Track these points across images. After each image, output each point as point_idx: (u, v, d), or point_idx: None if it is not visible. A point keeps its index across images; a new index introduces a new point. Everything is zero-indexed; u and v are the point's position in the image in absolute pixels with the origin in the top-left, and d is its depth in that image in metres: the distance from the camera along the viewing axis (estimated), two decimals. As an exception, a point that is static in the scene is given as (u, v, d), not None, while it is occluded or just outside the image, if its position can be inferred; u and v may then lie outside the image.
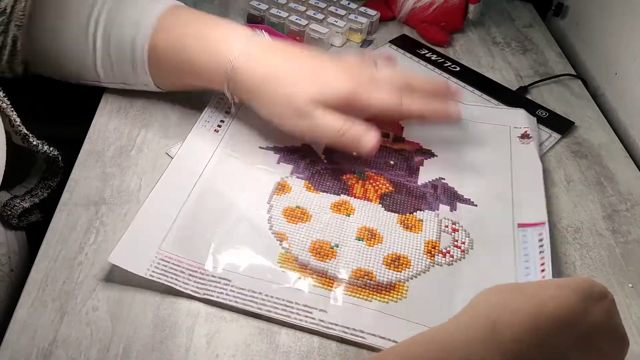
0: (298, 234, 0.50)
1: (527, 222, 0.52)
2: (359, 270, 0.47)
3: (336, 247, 0.49)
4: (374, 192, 0.55)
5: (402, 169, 0.57)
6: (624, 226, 0.55)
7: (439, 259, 0.49)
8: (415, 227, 0.52)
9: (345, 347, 0.43)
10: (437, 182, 0.56)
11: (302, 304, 0.45)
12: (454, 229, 0.52)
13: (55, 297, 0.44)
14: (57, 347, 0.41)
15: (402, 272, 0.48)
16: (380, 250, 0.49)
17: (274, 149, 0.57)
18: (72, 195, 0.52)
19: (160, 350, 0.41)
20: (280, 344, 0.43)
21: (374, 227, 0.51)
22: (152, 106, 0.61)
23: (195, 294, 0.45)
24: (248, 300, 0.44)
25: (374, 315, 0.45)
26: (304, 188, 0.54)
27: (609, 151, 0.64)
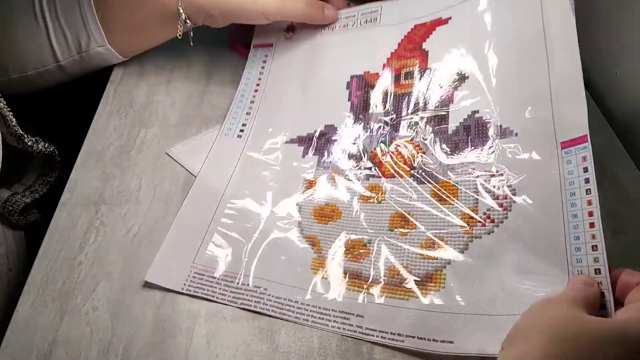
0: (329, 236, 0.49)
1: (569, 137, 0.46)
2: (393, 268, 0.46)
3: (369, 244, 0.48)
4: (403, 162, 0.51)
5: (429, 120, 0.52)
6: (624, 226, 0.55)
7: (478, 230, 0.45)
8: (450, 197, 0.48)
9: (345, 347, 0.43)
10: (470, 121, 0.50)
11: (338, 310, 0.44)
12: (493, 182, 0.47)
13: (55, 297, 0.44)
14: (57, 347, 0.41)
15: (438, 259, 0.45)
16: (415, 239, 0.47)
17: (298, 140, 0.56)
18: (72, 195, 0.52)
19: (160, 350, 0.41)
20: (280, 344, 0.43)
21: (406, 211, 0.48)
22: (152, 106, 0.61)
23: (233, 304, 0.45)
24: (285, 310, 0.45)
25: (412, 315, 0.43)
26: (332, 180, 0.52)
27: (609, 151, 0.64)
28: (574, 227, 0.43)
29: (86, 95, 0.62)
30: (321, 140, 0.55)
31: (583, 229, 0.42)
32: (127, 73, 0.64)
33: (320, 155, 0.55)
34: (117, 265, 0.47)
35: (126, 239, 0.49)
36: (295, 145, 0.56)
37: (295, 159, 0.55)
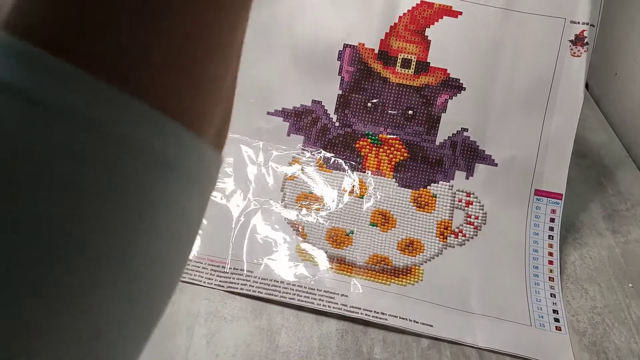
0: (313, 224, 0.50)
1: (545, 189, 0.51)
2: (375, 256, 0.49)
3: (351, 234, 0.50)
4: (388, 162, 0.53)
5: (421, 121, 0.53)
6: (624, 226, 0.55)
7: (451, 240, 0.50)
8: (428, 205, 0.51)
9: (345, 347, 0.43)
10: (458, 138, 0.52)
11: (323, 290, 0.46)
12: (468, 202, 0.51)
13: (55, 297, 0.44)
14: (57, 347, 0.41)
15: (416, 257, 0.49)
16: (394, 236, 0.50)
17: (283, 113, 0.54)
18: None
19: (160, 350, 0.41)
20: (280, 344, 0.43)
21: (387, 210, 0.51)
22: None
23: (219, 288, 0.46)
24: (272, 290, 0.46)
25: (393, 298, 0.46)
26: (317, 167, 0.53)
27: (609, 151, 0.64)
28: (534, 259, 0.49)
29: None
30: (307, 119, 0.54)
31: (542, 262, 0.49)
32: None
33: (307, 136, 0.54)
34: (117, 265, 0.46)
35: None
36: (280, 120, 0.54)
37: (280, 140, 0.54)
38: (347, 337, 0.44)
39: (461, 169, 0.52)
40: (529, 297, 0.48)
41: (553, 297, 0.48)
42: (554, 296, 0.48)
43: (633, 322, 0.47)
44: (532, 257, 0.49)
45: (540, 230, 0.50)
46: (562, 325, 0.46)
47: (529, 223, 0.50)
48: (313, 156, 0.53)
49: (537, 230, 0.50)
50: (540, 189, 0.51)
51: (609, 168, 0.62)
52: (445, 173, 0.52)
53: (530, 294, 0.48)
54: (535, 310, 0.47)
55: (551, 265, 0.49)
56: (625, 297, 0.49)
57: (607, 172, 0.61)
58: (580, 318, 0.47)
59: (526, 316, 0.46)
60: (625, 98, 0.71)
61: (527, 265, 0.49)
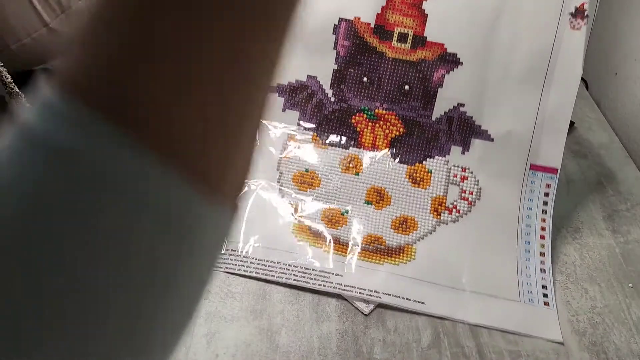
0: (309, 203, 0.51)
1: (540, 164, 0.51)
2: (370, 236, 0.49)
3: (346, 213, 0.50)
4: (383, 137, 0.52)
5: (417, 97, 0.52)
6: (624, 226, 0.55)
7: (445, 216, 0.50)
8: (423, 181, 0.51)
9: (345, 347, 0.43)
10: (454, 113, 0.52)
11: (319, 270, 0.47)
12: (463, 177, 0.51)
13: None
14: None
15: (409, 235, 0.50)
16: (389, 214, 0.51)
17: (278, 89, 0.54)
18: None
19: (160, 350, 0.41)
20: (280, 344, 0.43)
21: (382, 187, 0.51)
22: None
23: (217, 269, 0.47)
24: (268, 271, 0.47)
25: (386, 277, 0.47)
26: (312, 143, 0.53)
27: (609, 151, 0.64)
28: (526, 234, 0.50)
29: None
30: (302, 94, 0.53)
31: (534, 237, 0.50)
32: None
33: (302, 112, 0.53)
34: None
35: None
36: (275, 95, 0.53)
37: (276, 116, 0.53)
38: (347, 337, 0.44)
39: (457, 144, 0.52)
40: (519, 272, 0.48)
41: (543, 273, 0.48)
42: (544, 271, 0.49)
43: (633, 322, 0.47)
44: (524, 232, 0.50)
45: (534, 205, 0.50)
46: (550, 301, 0.47)
47: (523, 198, 0.50)
48: (308, 132, 0.53)
49: (531, 205, 0.50)
50: (535, 164, 0.51)
51: (609, 168, 0.62)
52: (441, 148, 0.52)
53: (520, 269, 0.48)
54: (524, 286, 0.48)
55: (543, 240, 0.49)
56: (625, 297, 0.49)
57: (607, 172, 0.61)
58: (580, 318, 0.47)
59: (515, 292, 0.47)
60: (625, 98, 0.71)
61: (519, 241, 0.49)
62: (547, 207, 0.50)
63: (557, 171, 0.50)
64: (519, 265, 0.49)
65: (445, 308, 0.46)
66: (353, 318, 0.45)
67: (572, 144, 0.64)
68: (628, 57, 0.71)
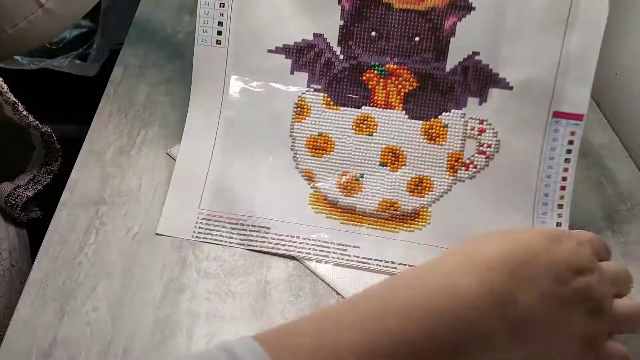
0: (324, 170, 0.51)
1: (564, 110, 0.48)
2: (385, 202, 0.50)
3: (361, 178, 0.50)
4: (396, 94, 0.51)
5: (428, 48, 0.49)
6: (624, 226, 0.55)
7: (462, 173, 0.50)
8: (439, 136, 0.50)
9: (345, 347, 0.43)
10: (469, 62, 0.49)
11: (337, 242, 0.48)
12: (481, 130, 0.49)
13: (55, 297, 0.44)
14: (57, 347, 0.41)
15: (425, 197, 0.49)
16: (404, 175, 0.50)
17: (284, 50, 0.51)
18: (72, 195, 0.52)
19: (160, 350, 0.41)
20: (280, 344, 0.43)
21: (397, 146, 0.50)
22: (152, 106, 0.61)
23: (240, 246, 0.48)
24: (288, 246, 0.48)
25: (402, 246, 0.48)
26: (324, 105, 0.51)
27: (609, 151, 0.64)
28: (546, 185, 0.48)
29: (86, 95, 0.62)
30: (310, 54, 0.51)
31: (554, 188, 0.48)
32: (127, 73, 0.64)
33: (311, 73, 0.51)
34: (117, 265, 0.47)
35: (126, 239, 0.49)
36: (282, 57, 0.51)
37: (285, 79, 0.51)
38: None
39: (474, 95, 0.49)
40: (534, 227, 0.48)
41: (558, 227, 0.48)
42: (560, 225, 0.48)
43: (633, 322, 0.47)
44: (544, 184, 0.48)
45: (557, 154, 0.48)
46: None
47: (545, 147, 0.48)
48: (319, 94, 0.51)
49: (553, 155, 0.48)
50: (559, 111, 0.48)
51: (609, 168, 0.62)
52: (456, 101, 0.50)
53: (534, 225, 0.48)
54: None
55: (563, 191, 0.48)
56: (625, 297, 0.49)
57: (607, 172, 0.61)
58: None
59: None
60: (625, 98, 0.71)
61: (537, 193, 0.48)
62: (571, 155, 0.48)
63: (582, 117, 0.48)
64: (534, 221, 0.48)
65: None
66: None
67: (572, 144, 0.64)
68: (628, 57, 0.71)
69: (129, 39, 0.70)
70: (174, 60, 0.67)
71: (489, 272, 0.33)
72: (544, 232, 0.36)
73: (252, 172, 0.51)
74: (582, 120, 0.48)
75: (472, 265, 0.33)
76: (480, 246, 0.35)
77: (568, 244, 0.36)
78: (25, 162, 0.54)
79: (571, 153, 0.48)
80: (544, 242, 0.35)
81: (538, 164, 0.49)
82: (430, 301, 0.31)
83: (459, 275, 0.33)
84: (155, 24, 0.73)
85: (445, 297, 0.31)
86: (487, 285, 0.32)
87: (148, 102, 0.61)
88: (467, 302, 0.31)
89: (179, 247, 0.49)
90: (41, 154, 0.53)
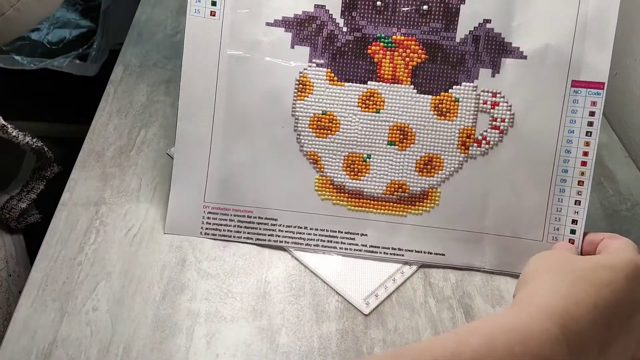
0: (330, 151, 0.49)
1: (583, 79, 0.46)
2: (393, 184, 0.49)
3: (369, 159, 0.49)
4: (404, 67, 0.48)
5: (437, 17, 0.47)
6: (624, 226, 0.55)
7: (474, 150, 0.48)
8: (450, 112, 0.47)
9: (345, 347, 0.43)
10: (480, 31, 0.47)
11: (344, 231, 0.48)
12: (494, 104, 0.47)
13: (55, 297, 0.44)
14: (57, 347, 0.41)
15: (434, 177, 0.48)
16: (413, 154, 0.48)
17: (283, 23, 0.48)
18: (72, 195, 0.52)
19: (160, 350, 0.41)
20: (280, 344, 0.43)
21: (405, 123, 0.48)
22: (152, 106, 0.61)
23: (249, 241, 0.48)
24: (297, 238, 0.48)
25: (409, 231, 0.48)
26: (327, 81, 0.48)
27: (609, 151, 0.64)
28: (565, 161, 0.47)
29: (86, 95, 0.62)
30: (311, 26, 0.49)
31: (574, 164, 0.46)
32: (127, 73, 0.64)
33: (313, 47, 0.48)
34: (117, 265, 0.47)
35: (126, 239, 0.49)
36: (282, 30, 0.49)
37: (285, 54, 0.48)
38: (347, 337, 0.44)
39: (486, 66, 0.47)
40: (549, 207, 0.47)
41: (577, 205, 0.46)
42: (579, 203, 0.46)
43: (633, 322, 0.47)
44: (562, 160, 0.46)
45: (577, 127, 0.46)
46: (577, 238, 0.46)
47: (563, 120, 0.46)
48: (322, 69, 0.48)
49: (573, 128, 0.46)
50: (577, 80, 0.46)
51: (609, 168, 0.62)
52: (468, 73, 0.47)
53: (551, 203, 0.47)
54: (551, 222, 0.47)
55: (584, 167, 0.46)
56: (625, 297, 0.49)
57: (607, 172, 0.61)
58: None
59: (540, 231, 0.47)
60: (625, 98, 0.71)
61: (555, 169, 0.47)
62: (593, 128, 0.46)
63: (603, 86, 0.45)
64: (550, 198, 0.47)
65: (465, 257, 0.48)
66: (353, 318, 0.45)
67: (572, 144, 0.64)
68: (628, 57, 0.71)
69: (129, 39, 0.70)
70: (174, 60, 0.67)
71: (580, 338, 0.33)
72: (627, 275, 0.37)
73: (255, 158, 0.49)
74: (603, 89, 0.46)
75: (563, 334, 0.33)
76: (569, 307, 0.34)
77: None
78: (17, 167, 0.53)
79: (593, 125, 0.46)
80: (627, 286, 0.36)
81: (556, 138, 0.46)
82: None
83: (552, 344, 0.32)
84: (155, 24, 0.73)
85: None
86: (579, 354, 0.33)
87: (148, 102, 0.61)
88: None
89: (179, 247, 0.49)
90: (32, 159, 0.53)
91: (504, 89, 0.47)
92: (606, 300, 0.35)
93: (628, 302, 0.36)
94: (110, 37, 0.92)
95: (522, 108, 0.47)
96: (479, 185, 0.48)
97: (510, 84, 0.47)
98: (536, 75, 0.46)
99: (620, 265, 0.37)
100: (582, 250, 0.47)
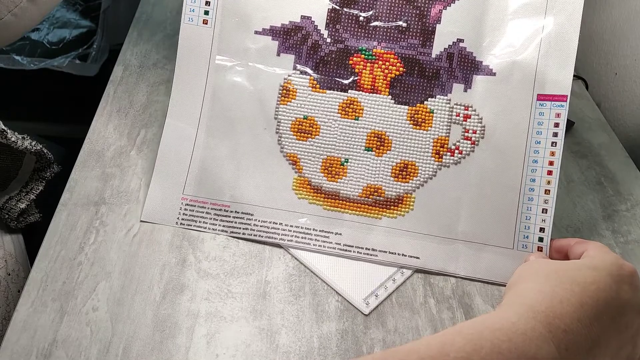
0: (309, 154, 0.51)
1: (548, 92, 0.49)
2: (369, 187, 0.50)
3: (346, 163, 0.51)
4: (383, 78, 0.51)
5: (415, 34, 0.51)
6: (624, 226, 0.55)
7: (447, 158, 0.50)
8: (425, 122, 0.50)
9: (345, 347, 0.43)
10: (454, 49, 0.51)
11: (319, 229, 0.49)
12: (466, 116, 0.50)
13: (55, 297, 0.44)
14: (57, 347, 0.41)
15: (409, 182, 0.50)
16: (389, 160, 0.51)
17: (271, 32, 0.52)
18: (72, 195, 0.52)
19: (160, 350, 0.41)
20: (280, 344, 0.43)
21: (382, 131, 0.51)
22: (152, 106, 0.61)
23: (224, 233, 0.49)
24: (271, 233, 0.49)
25: (384, 233, 0.49)
26: (310, 88, 0.51)
27: (609, 151, 0.64)
28: (532, 170, 0.49)
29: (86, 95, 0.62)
30: (297, 36, 0.52)
31: (540, 173, 0.49)
32: (127, 73, 0.64)
33: (297, 55, 0.52)
34: (117, 265, 0.47)
35: (126, 239, 0.49)
36: (269, 38, 0.52)
37: (270, 61, 0.52)
38: (347, 337, 0.44)
39: (459, 82, 0.51)
40: (519, 215, 0.49)
41: (544, 213, 0.48)
42: (546, 212, 0.48)
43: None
44: (530, 169, 0.49)
45: (543, 138, 0.49)
46: (544, 245, 0.48)
47: (530, 131, 0.49)
48: (305, 76, 0.51)
49: (539, 138, 0.49)
50: (543, 93, 0.49)
51: (609, 168, 0.62)
52: (442, 87, 0.51)
53: (520, 211, 0.49)
54: (521, 230, 0.48)
55: (550, 176, 0.48)
56: (625, 297, 0.49)
57: (607, 172, 0.61)
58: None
59: (510, 239, 0.48)
60: (625, 98, 0.71)
61: (524, 178, 0.49)
62: (557, 138, 0.48)
63: (566, 98, 0.48)
64: (520, 206, 0.49)
65: (439, 262, 0.48)
66: (353, 318, 0.45)
67: (572, 144, 0.64)
68: (628, 57, 0.71)
69: (129, 39, 0.70)
70: (174, 60, 0.66)
71: (566, 336, 0.33)
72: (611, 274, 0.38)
73: (236, 156, 0.51)
74: (566, 101, 0.49)
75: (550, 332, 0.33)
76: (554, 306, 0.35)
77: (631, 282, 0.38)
78: (17, 168, 0.53)
79: (557, 136, 0.49)
80: (611, 286, 0.37)
81: (524, 148, 0.49)
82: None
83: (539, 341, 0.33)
84: (155, 24, 0.73)
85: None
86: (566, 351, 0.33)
87: (148, 102, 0.61)
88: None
89: (179, 247, 0.49)
90: (32, 160, 0.53)
91: (475, 102, 0.50)
92: (592, 299, 0.35)
93: (615, 300, 0.36)
94: (110, 37, 0.92)
95: (492, 120, 0.50)
96: (452, 193, 0.50)
97: (481, 98, 0.50)
98: (504, 90, 0.50)
99: (604, 265, 0.38)
100: (550, 257, 0.48)
